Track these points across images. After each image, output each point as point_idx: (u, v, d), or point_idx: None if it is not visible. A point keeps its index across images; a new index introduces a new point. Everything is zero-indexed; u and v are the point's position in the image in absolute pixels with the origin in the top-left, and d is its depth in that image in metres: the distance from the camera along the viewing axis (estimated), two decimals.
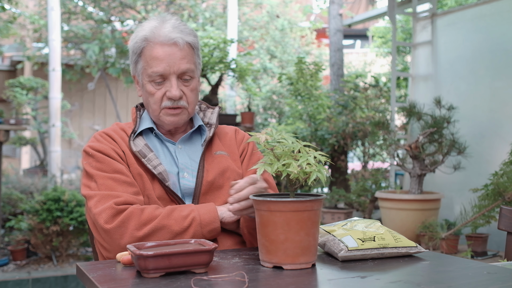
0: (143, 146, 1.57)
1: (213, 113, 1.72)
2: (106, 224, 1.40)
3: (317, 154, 1.20)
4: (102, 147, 1.53)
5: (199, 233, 1.44)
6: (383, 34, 8.82)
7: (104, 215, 1.41)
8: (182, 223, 1.42)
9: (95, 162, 1.52)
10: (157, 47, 1.55)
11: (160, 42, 1.55)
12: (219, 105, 4.70)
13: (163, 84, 1.56)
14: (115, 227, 1.40)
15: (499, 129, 4.04)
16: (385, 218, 3.89)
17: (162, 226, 1.41)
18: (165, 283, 1.08)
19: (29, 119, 5.22)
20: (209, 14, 9.14)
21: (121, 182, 1.48)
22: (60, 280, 4.36)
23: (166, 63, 1.54)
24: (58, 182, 6.12)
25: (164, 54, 1.54)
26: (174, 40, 1.55)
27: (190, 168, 1.60)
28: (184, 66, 1.56)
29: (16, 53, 10.78)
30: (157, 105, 1.58)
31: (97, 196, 1.45)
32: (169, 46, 1.55)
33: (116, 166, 1.51)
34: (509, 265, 1.31)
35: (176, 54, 1.55)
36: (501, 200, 3.20)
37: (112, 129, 1.63)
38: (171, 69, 1.54)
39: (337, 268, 1.22)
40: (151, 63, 1.55)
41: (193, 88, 1.60)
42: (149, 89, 1.57)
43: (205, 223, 1.45)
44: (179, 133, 1.67)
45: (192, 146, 1.65)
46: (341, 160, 5.42)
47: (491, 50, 4.17)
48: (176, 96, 1.55)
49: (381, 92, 5.43)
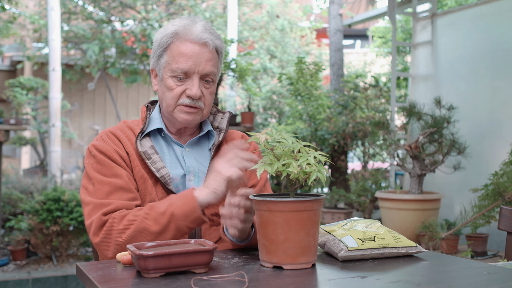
0: (149, 147, 1.56)
1: (223, 117, 1.70)
2: (94, 237, 1.42)
3: (317, 154, 1.20)
4: (105, 148, 1.52)
5: (182, 226, 1.39)
6: (383, 34, 8.82)
7: (92, 228, 1.43)
8: (161, 221, 1.39)
9: (96, 164, 1.51)
10: (186, 43, 1.54)
11: (190, 39, 1.54)
12: (220, 105, 4.70)
13: (184, 81, 1.55)
14: (101, 239, 1.41)
15: (499, 129, 4.04)
16: (385, 218, 3.89)
17: (142, 229, 1.39)
18: (165, 283, 1.08)
19: (29, 119, 5.22)
20: (209, 14, 9.14)
21: (118, 187, 1.47)
22: (60, 280, 4.36)
23: (193, 62, 1.53)
24: (58, 182, 6.12)
25: (193, 52, 1.53)
26: (205, 40, 1.54)
27: (197, 172, 1.59)
28: (209, 68, 1.55)
29: (16, 53, 10.78)
30: (173, 101, 1.56)
31: (90, 205, 1.46)
32: (199, 46, 1.54)
33: (115, 170, 1.50)
34: (509, 265, 1.31)
35: (204, 54, 1.54)
36: (501, 200, 3.20)
37: (119, 127, 1.61)
38: (196, 68, 1.54)
39: (337, 268, 1.22)
40: (177, 59, 1.54)
41: (212, 92, 1.60)
42: (169, 83, 1.56)
43: (185, 215, 1.39)
44: (187, 135, 1.65)
45: (200, 150, 1.64)
46: (341, 160, 5.42)
47: (491, 50, 4.17)
48: (196, 96, 1.54)
49: (381, 92, 5.43)
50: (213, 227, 1.56)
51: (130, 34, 8.45)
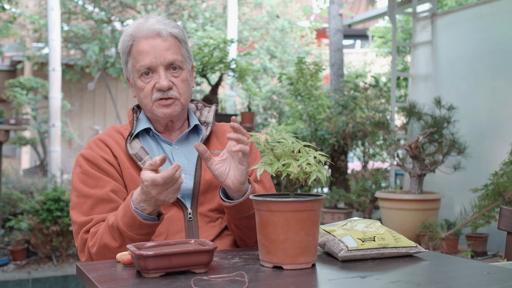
0: (139, 149, 1.57)
1: (209, 111, 1.72)
2: (81, 255, 1.49)
3: (317, 154, 1.20)
4: (92, 156, 1.54)
5: (134, 236, 1.38)
6: (383, 34, 8.82)
7: (78, 248, 1.50)
8: (115, 236, 1.40)
9: (81, 174, 1.54)
10: (142, 41, 1.56)
11: (144, 36, 1.56)
12: (220, 105, 4.71)
13: (151, 77, 1.56)
14: (86, 258, 1.47)
15: (499, 129, 4.04)
16: (385, 218, 3.89)
17: (103, 245, 1.41)
18: (165, 283, 1.08)
19: (29, 119, 5.22)
20: (209, 14, 9.14)
21: (99, 200, 1.49)
22: (60, 280, 4.36)
23: (152, 55, 1.55)
24: (58, 182, 6.12)
25: (149, 47, 1.55)
26: (157, 31, 1.56)
27: (187, 169, 1.59)
28: (170, 57, 1.56)
29: (16, 53, 10.78)
30: (148, 99, 1.57)
31: (76, 225, 1.50)
32: (153, 38, 1.56)
33: (98, 181, 1.51)
34: (509, 265, 1.31)
35: (160, 45, 1.56)
36: (501, 200, 3.20)
37: (107, 133, 1.63)
38: (158, 60, 1.55)
39: (337, 268, 1.22)
40: (138, 58, 1.56)
41: (184, 79, 1.59)
42: (139, 84, 1.58)
43: (128, 225, 1.37)
44: (175, 131, 1.66)
45: (189, 146, 1.64)
46: (341, 160, 5.42)
47: (491, 50, 4.17)
48: (164, 86, 1.55)
49: (381, 92, 5.43)
50: (210, 223, 1.56)
51: None
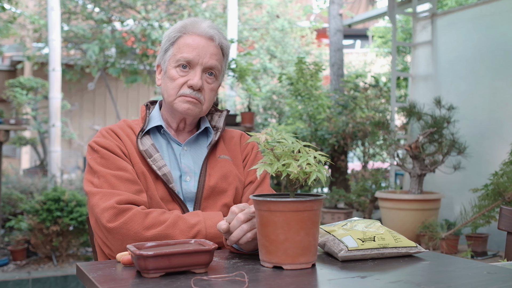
0: (149, 145, 1.57)
1: (220, 116, 1.72)
2: (109, 223, 1.40)
3: (317, 154, 1.20)
4: (107, 144, 1.53)
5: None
6: (383, 34, 8.82)
7: (106, 215, 1.41)
8: (187, 234, 1.40)
9: (100, 158, 1.51)
10: (193, 36, 1.58)
11: (197, 33, 1.58)
12: (220, 106, 4.70)
13: (187, 73, 1.57)
14: (117, 227, 1.40)
15: (499, 129, 4.04)
16: (385, 218, 3.89)
17: (166, 234, 1.40)
18: (165, 283, 1.08)
19: (29, 119, 5.22)
20: (209, 14, 9.14)
21: (124, 180, 1.47)
22: (60, 280, 4.36)
23: (197, 53, 1.56)
24: (58, 182, 6.12)
25: (198, 44, 1.57)
26: (211, 35, 1.58)
27: (193, 172, 1.59)
28: (212, 62, 1.58)
29: (16, 53, 10.78)
30: (175, 91, 1.58)
31: (100, 194, 1.45)
32: (205, 39, 1.58)
33: (120, 163, 1.50)
34: (509, 265, 1.31)
35: (209, 47, 1.58)
36: (501, 200, 3.20)
37: (118, 126, 1.62)
38: (200, 59, 1.56)
39: (337, 268, 1.22)
40: (182, 49, 1.57)
41: (213, 89, 1.61)
42: (172, 74, 1.58)
43: (210, 237, 1.41)
44: (186, 132, 1.66)
45: (198, 148, 1.64)
46: (341, 160, 5.42)
47: (491, 50, 4.17)
48: (197, 85, 1.56)
49: (381, 92, 5.43)
50: None
51: (130, 34, 8.46)
